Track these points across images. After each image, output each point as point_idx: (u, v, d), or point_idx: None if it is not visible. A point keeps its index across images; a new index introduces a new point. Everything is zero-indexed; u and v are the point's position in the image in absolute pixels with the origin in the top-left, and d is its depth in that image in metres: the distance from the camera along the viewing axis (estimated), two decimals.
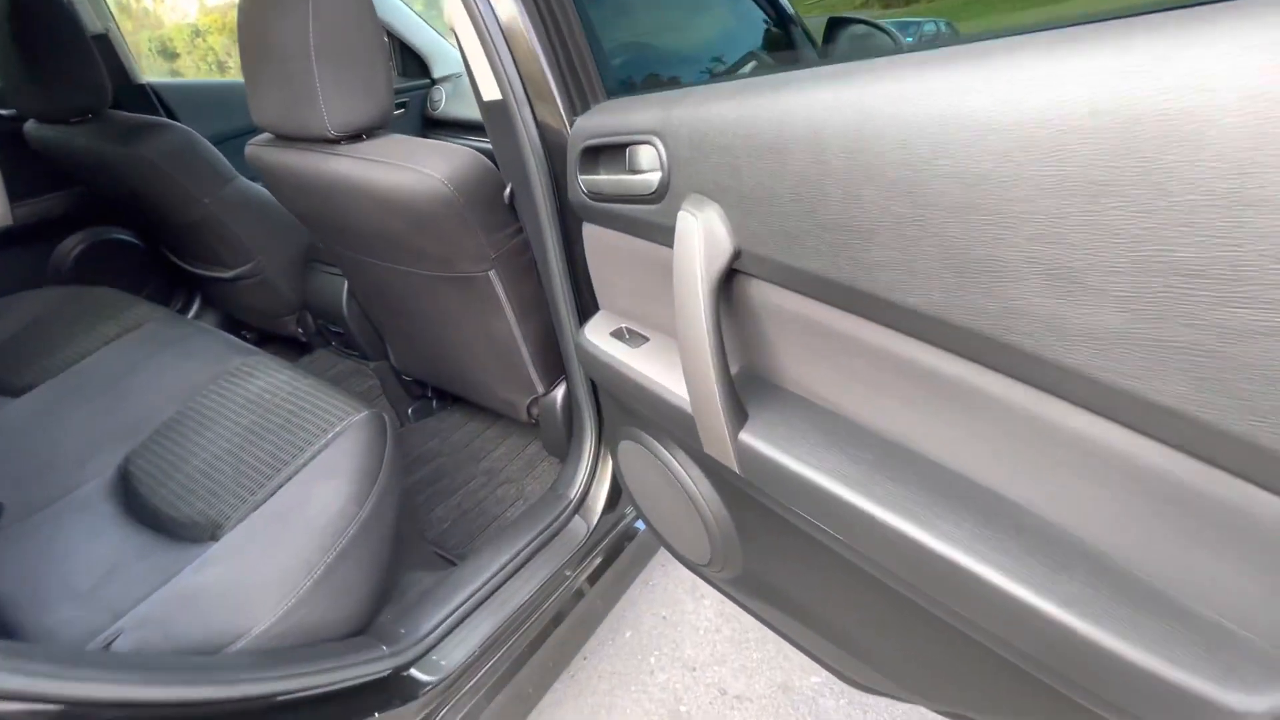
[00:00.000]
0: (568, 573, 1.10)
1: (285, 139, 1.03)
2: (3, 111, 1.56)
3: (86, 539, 0.93)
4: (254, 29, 0.93)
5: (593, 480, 1.20)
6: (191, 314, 1.92)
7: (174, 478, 0.99)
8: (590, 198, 0.77)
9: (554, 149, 0.87)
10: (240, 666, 0.70)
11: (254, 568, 0.82)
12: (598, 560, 1.16)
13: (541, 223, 0.92)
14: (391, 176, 0.92)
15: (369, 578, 0.90)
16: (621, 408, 0.94)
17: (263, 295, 1.63)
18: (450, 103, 2.10)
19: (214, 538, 0.89)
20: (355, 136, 0.97)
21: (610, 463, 1.21)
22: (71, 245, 1.72)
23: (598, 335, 0.87)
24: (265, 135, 1.10)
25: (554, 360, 1.24)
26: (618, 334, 0.84)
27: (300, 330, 1.70)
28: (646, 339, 0.82)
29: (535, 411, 1.33)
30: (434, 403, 1.69)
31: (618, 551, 1.21)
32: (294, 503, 0.90)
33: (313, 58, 0.87)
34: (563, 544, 1.11)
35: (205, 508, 0.94)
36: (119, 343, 1.31)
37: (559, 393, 1.28)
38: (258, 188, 1.50)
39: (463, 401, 1.69)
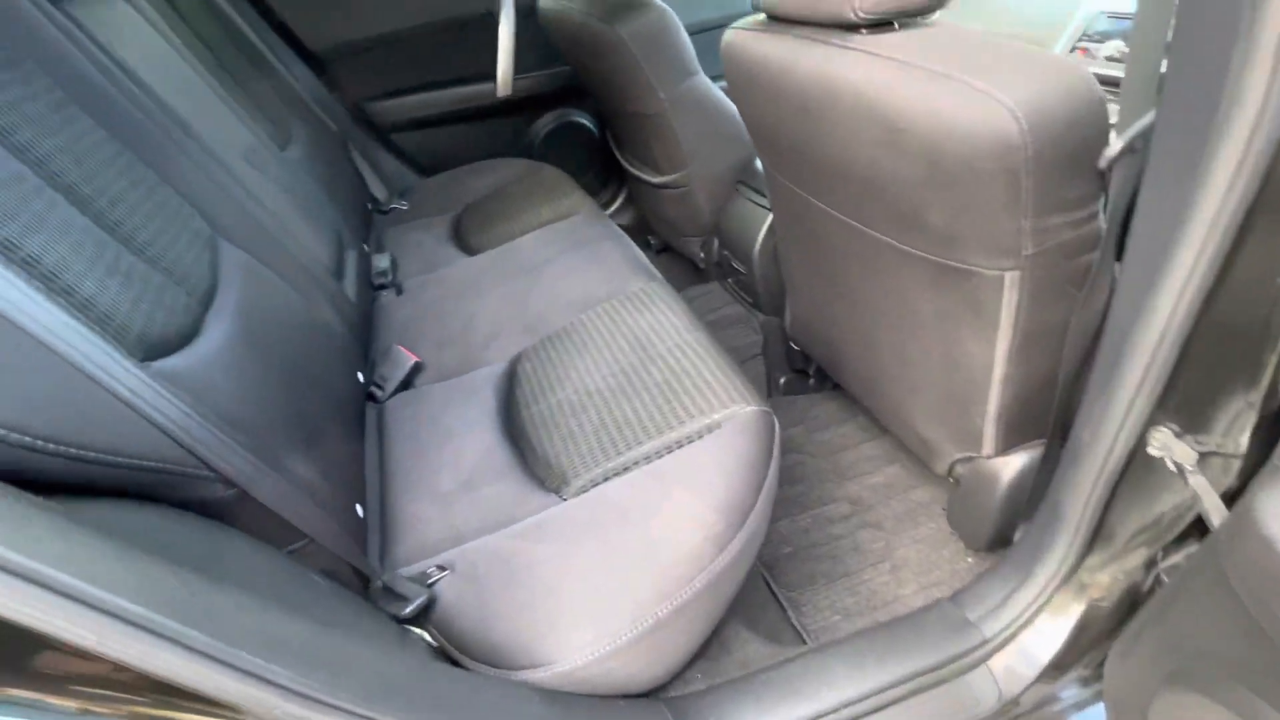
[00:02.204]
0: None
1: (783, 22, 0.76)
2: None
3: (465, 429, 0.91)
4: None
5: (1029, 622, 0.76)
6: (613, 209, 1.96)
7: (547, 399, 0.91)
8: None
9: None
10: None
11: (581, 580, 0.65)
12: None
13: (1229, 191, 0.42)
14: (925, 94, 0.57)
15: (696, 638, 0.68)
16: None
17: (680, 209, 1.51)
18: None
19: (559, 493, 0.77)
20: (884, 23, 0.64)
21: (1075, 609, 0.74)
22: (544, 123, 1.85)
23: None
24: (753, 18, 0.84)
25: (1033, 419, 0.80)
26: None
27: (702, 255, 1.55)
28: None
29: (960, 472, 0.91)
30: (811, 381, 1.39)
31: None
32: (645, 503, 0.70)
33: None
34: (955, 703, 0.72)
35: (561, 450, 0.82)
36: (548, 229, 1.31)
37: (1014, 463, 0.84)
38: (715, 90, 1.32)
39: (843, 392, 1.34)
